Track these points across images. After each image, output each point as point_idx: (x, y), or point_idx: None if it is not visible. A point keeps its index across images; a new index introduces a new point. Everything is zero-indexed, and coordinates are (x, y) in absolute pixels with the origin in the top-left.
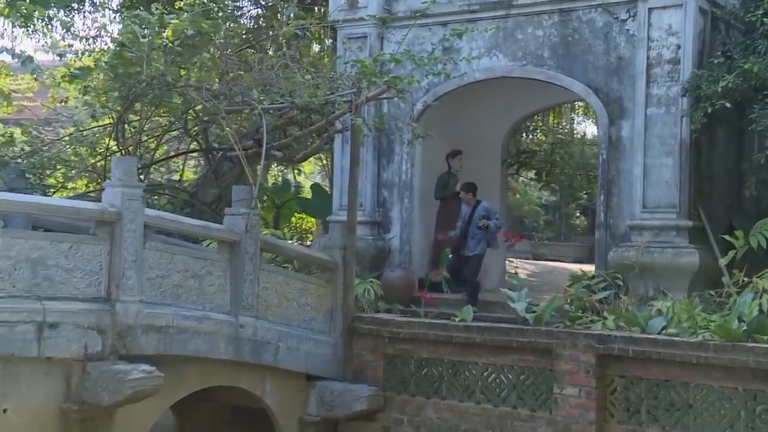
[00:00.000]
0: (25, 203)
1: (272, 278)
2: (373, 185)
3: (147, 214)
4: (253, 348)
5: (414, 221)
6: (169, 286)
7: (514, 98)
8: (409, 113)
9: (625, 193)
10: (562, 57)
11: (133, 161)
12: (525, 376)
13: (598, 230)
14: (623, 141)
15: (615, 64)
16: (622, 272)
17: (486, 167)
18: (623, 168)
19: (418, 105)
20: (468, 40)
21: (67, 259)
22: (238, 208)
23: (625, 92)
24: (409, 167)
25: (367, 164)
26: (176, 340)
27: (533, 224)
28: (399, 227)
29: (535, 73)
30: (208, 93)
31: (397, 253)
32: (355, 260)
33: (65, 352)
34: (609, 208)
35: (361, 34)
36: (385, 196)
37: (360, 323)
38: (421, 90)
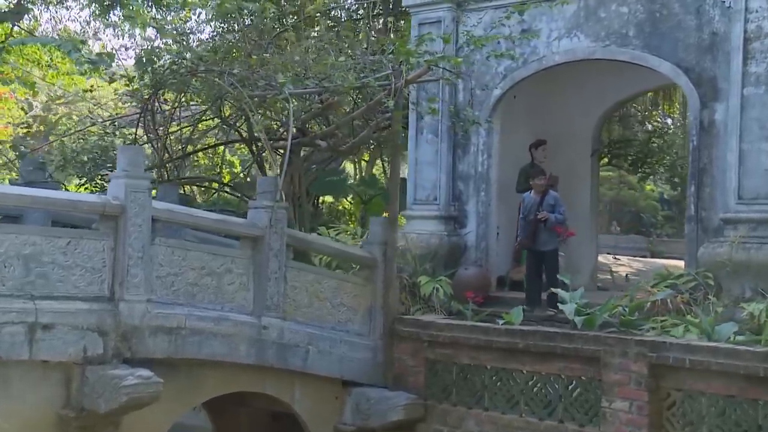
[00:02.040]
0: (14, 196)
1: (302, 276)
2: (448, 178)
3: (155, 207)
4: (279, 351)
5: (491, 215)
6: (182, 285)
7: (604, 84)
8: (485, 101)
9: (719, 183)
10: (649, 35)
11: (139, 150)
12: (573, 387)
13: (688, 224)
14: (716, 125)
15: (708, 40)
16: (714, 271)
17: (575, 158)
18: (716, 155)
19: (495, 92)
20: (547, 21)
21: (65, 256)
22: (261, 200)
23: (719, 71)
24: (486, 158)
25: (442, 155)
26: (189, 342)
27: (651, 220)
28: (475, 222)
29: (619, 53)
30: (233, 78)
31: (473, 250)
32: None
33: (61, 356)
34: (700, 199)
35: (435, 19)
36: (461, 189)
37: (401, 325)
38: (498, 76)
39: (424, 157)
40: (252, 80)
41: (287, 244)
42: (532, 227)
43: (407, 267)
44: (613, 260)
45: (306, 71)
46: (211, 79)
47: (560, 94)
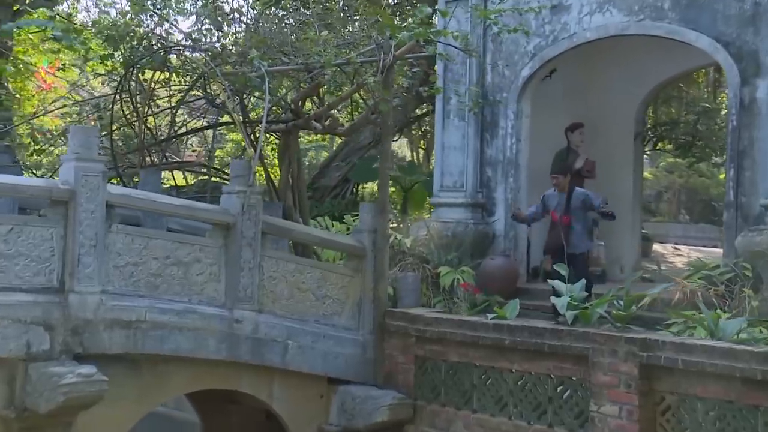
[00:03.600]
0: None
1: (281, 266)
2: (475, 163)
3: (110, 192)
4: (254, 346)
5: (520, 202)
6: (143, 275)
7: (648, 63)
8: (513, 82)
9: (760, 166)
10: (686, 7)
11: (92, 131)
12: (563, 388)
13: (727, 211)
14: (758, 103)
15: (750, 11)
16: (752, 261)
17: (615, 142)
18: (758, 136)
19: (523, 72)
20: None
21: (6, 244)
22: (234, 185)
23: (762, 45)
24: (515, 142)
25: (469, 140)
26: (150, 336)
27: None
28: (503, 210)
29: (653, 28)
30: (206, 53)
31: (501, 239)
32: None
33: (1, 351)
34: (740, 184)
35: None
36: (489, 175)
37: (390, 319)
38: (527, 55)
39: (450, 141)
40: (224, 56)
41: (263, 232)
42: (562, 229)
43: (432, 257)
44: (673, 250)
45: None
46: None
47: (600, 74)
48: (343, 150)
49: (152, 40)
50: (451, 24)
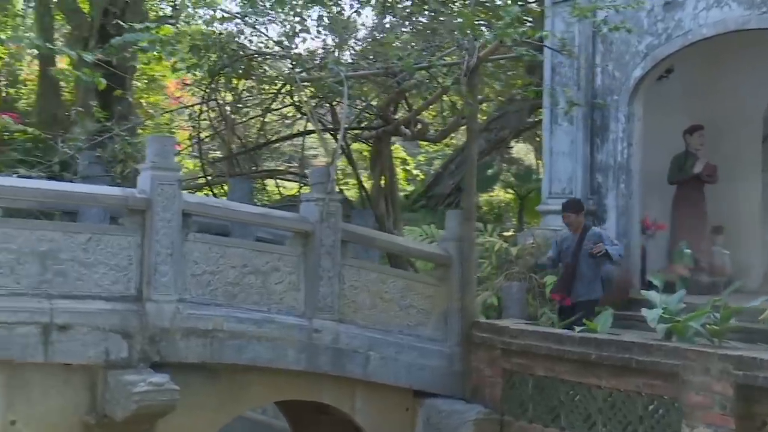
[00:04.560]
0: (29, 190)
1: (362, 275)
2: (585, 168)
3: (186, 200)
4: (334, 357)
5: (632, 209)
6: (221, 284)
7: None
8: (624, 84)
9: None
10: None
11: (168, 140)
12: (653, 407)
13: None
14: None
15: None
16: None
17: (742, 145)
18: None
19: (635, 72)
20: None
21: (85, 253)
22: (313, 192)
23: None
24: (626, 147)
25: (578, 145)
26: (227, 346)
27: None
28: (614, 217)
29: None
30: (288, 60)
31: None
32: (475, 253)
33: (80, 358)
34: None
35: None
36: (599, 182)
37: (477, 330)
38: (638, 55)
39: (558, 147)
40: (302, 62)
41: (343, 240)
42: (567, 273)
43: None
44: None
45: (370, 51)
46: (269, 64)
47: (724, 73)
48: (457, 157)
49: (236, 48)
50: (559, 25)
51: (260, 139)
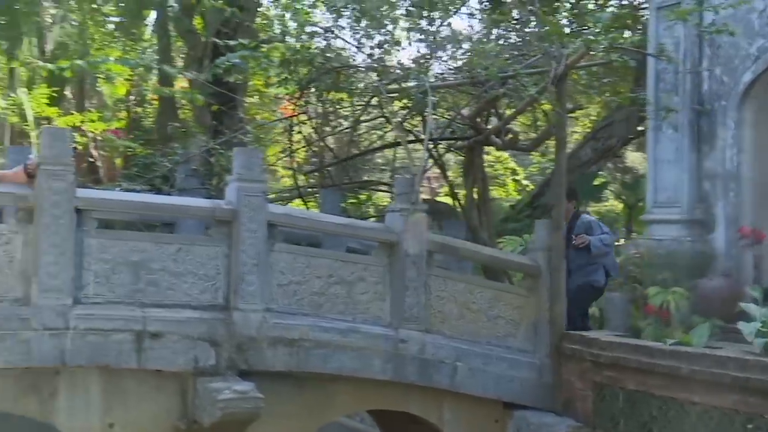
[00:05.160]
0: (123, 202)
1: (449, 285)
2: (691, 176)
3: (271, 211)
4: (421, 367)
5: (743, 219)
6: (307, 294)
7: None
8: (733, 89)
9: None
10: None
11: (254, 152)
12: (752, 427)
13: None
14: None
15: None
16: None
17: None
18: None
19: (745, 77)
20: None
21: (175, 263)
22: (398, 203)
23: None
24: (735, 154)
25: (683, 152)
26: (313, 355)
27: None
28: (723, 226)
29: None
30: (372, 71)
31: (722, 258)
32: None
33: (171, 365)
34: None
35: (675, 1)
36: (707, 190)
37: (567, 342)
38: (749, 58)
39: (663, 155)
40: (386, 73)
41: (429, 250)
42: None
43: (643, 277)
44: None
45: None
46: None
47: None
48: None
49: (323, 61)
50: (662, 30)
51: (351, 151)
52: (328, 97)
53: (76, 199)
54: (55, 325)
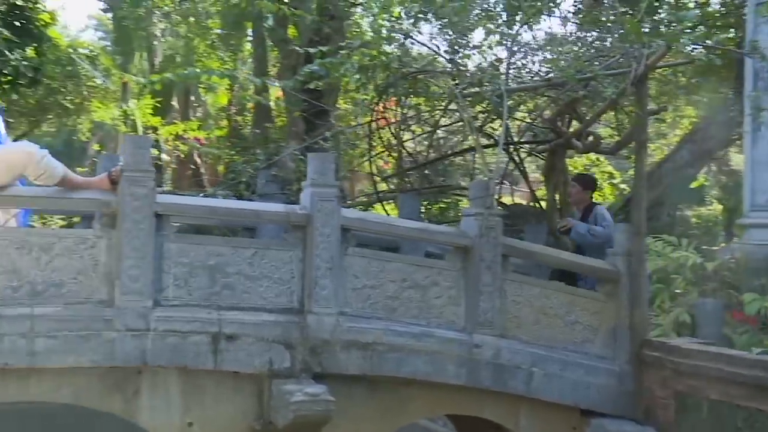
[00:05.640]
0: (200, 207)
1: (524, 290)
2: None
3: (345, 216)
4: (495, 372)
5: None
6: (380, 298)
7: None
8: None
9: None
10: None
11: (328, 158)
12: None
13: None
14: None
15: None
16: None
17: None
18: None
19: None
20: None
21: (251, 267)
22: (472, 207)
23: None
24: None
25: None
26: (387, 359)
27: None
28: None
29: None
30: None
31: None
32: None
33: (246, 367)
34: None
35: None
36: None
37: (648, 349)
38: None
39: (761, 156)
40: (462, 76)
41: (504, 254)
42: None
43: (739, 283)
44: None
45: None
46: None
47: None
48: (658, 170)
49: (398, 66)
50: (763, 26)
51: (430, 156)
52: (406, 102)
53: (155, 204)
54: (136, 327)
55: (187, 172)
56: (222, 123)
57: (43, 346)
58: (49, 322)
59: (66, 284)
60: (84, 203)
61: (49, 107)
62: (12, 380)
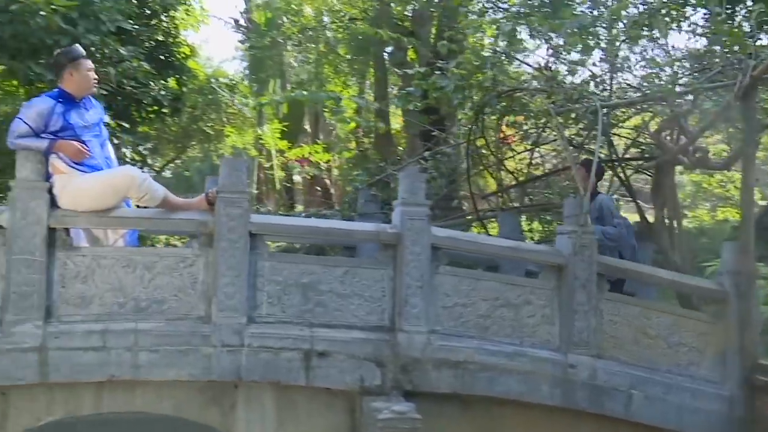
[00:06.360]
0: (295, 227)
1: (622, 309)
2: None
3: (435, 234)
4: (592, 394)
5: None
6: (472, 316)
7: None
8: None
9: None
10: None
11: (417, 176)
12: None
13: None
14: None
15: None
16: None
17: None
18: None
19: None
20: None
21: (342, 285)
22: (566, 225)
23: None
24: None
25: None
26: (479, 378)
27: None
28: None
29: None
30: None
31: None
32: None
33: (337, 384)
34: None
35: None
36: None
37: (760, 374)
38: None
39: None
40: (555, 92)
41: (599, 273)
42: None
43: None
44: None
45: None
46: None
47: None
48: None
49: (490, 86)
50: None
51: (530, 174)
52: (504, 120)
53: (250, 224)
54: (231, 342)
55: (315, 192)
56: (350, 145)
57: (146, 360)
58: (152, 337)
59: (167, 301)
60: (183, 224)
61: (193, 134)
62: (120, 391)
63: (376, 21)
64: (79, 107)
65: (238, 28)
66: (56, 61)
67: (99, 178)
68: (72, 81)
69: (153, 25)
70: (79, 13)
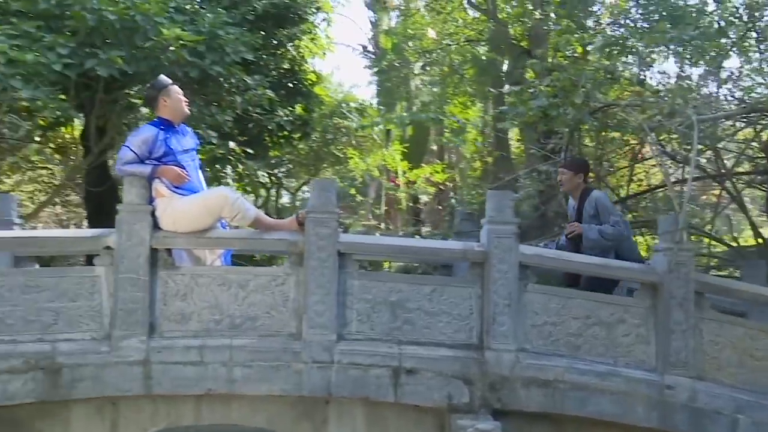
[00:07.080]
0: (381, 246)
1: (724, 330)
2: None
3: (523, 252)
4: (691, 417)
5: None
6: (562, 335)
7: None
8: None
9: None
10: None
11: (505, 195)
12: None
13: None
14: None
15: None
16: None
17: None
18: None
19: None
20: None
21: (430, 303)
22: (661, 242)
23: None
24: None
25: None
26: (569, 397)
27: None
28: None
29: None
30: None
31: None
32: None
33: (425, 401)
34: None
35: None
36: None
37: None
38: None
39: None
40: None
41: (699, 292)
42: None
43: None
44: None
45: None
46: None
47: None
48: None
49: (587, 100)
50: None
51: (628, 190)
52: (601, 135)
53: (338, 243)
54: (321, 359)
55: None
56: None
57: (240, 375)
58: (245, 353)
59: (260, 318)
60: (274, 243)
61: (325, 157)
62: (217, 404)
63: (493, 41)
64: (178, 133)
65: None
66: (149, 94)
67: (195, 199)
68: (166, 107)
69: (279, 55)
70: (206, 47)
